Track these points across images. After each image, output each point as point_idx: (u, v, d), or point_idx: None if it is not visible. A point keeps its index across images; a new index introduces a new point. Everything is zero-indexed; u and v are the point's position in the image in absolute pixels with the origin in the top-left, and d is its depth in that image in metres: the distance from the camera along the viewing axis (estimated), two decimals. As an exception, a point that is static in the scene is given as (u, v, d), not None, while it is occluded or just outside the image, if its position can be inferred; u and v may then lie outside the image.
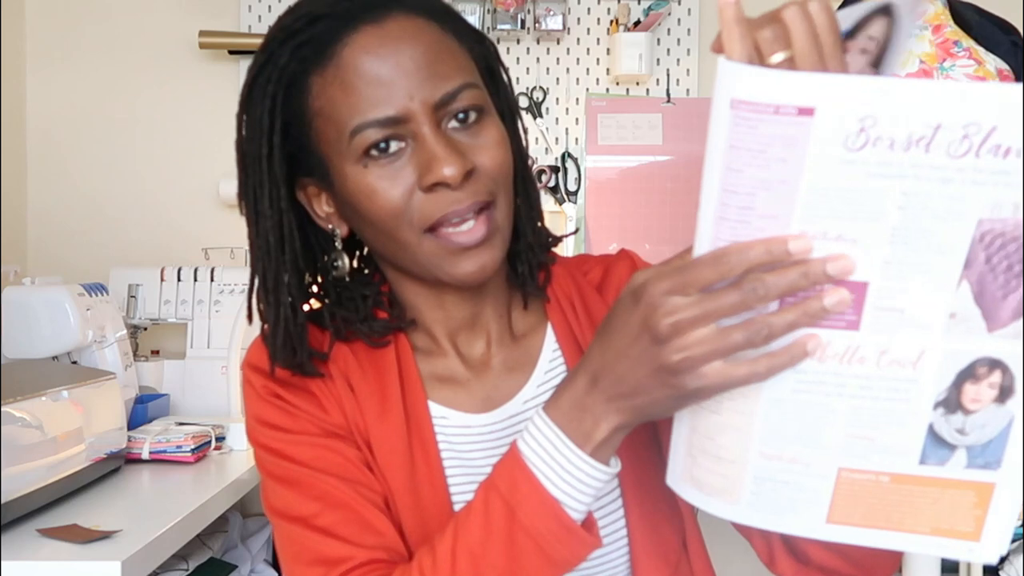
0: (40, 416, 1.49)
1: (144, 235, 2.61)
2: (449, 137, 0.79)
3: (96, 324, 1.99)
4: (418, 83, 0.78)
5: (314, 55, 0.79)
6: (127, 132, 2.62)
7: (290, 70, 0.80)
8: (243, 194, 0.85)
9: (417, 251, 0.81)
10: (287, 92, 0.81)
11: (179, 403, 2.27)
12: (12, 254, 2.44)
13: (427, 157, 0.78)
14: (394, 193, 0.79)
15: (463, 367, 0.89)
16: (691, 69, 2.64)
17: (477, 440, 0.87)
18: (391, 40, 0.78)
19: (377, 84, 0.77)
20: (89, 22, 2.61)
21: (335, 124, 0.79)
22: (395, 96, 0.77)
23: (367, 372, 0.86)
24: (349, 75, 0.78)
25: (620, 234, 2.55)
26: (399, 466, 0.84)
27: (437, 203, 0.79)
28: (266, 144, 0.81)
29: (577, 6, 2.62)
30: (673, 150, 2.56)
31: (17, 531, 1.39)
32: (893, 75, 0.68)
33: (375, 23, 0.79)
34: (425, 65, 0.78)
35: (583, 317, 0.92)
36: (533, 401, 0.88)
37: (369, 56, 0.78)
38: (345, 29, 0.79)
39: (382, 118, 0.77)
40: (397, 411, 0.85)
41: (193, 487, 1.70)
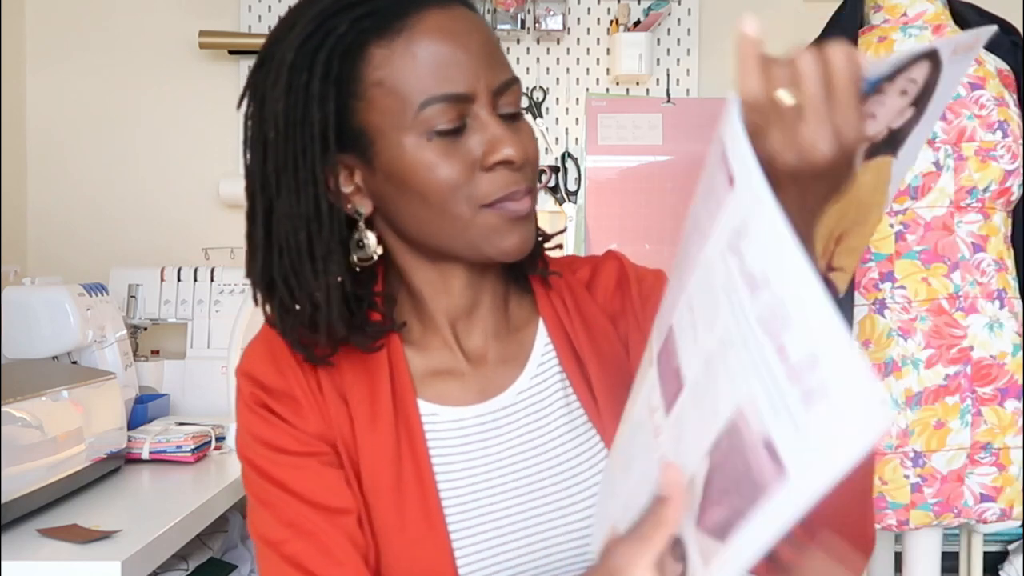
0: (40, 416, 1.49)
1: (144, 235, 2.61)
2: (505, 123, 0.82)
3: (96, 324, 1.99)
4: (485, 67, 0.81)
5: (376, 27, 0.80)
6: (127, 132, 2.62)
7: (347, 40, 0.80)
8: (276, 166, 0.83)
9: (470, 224, 0.82)
10: (341, 62, 0.80)
11: (179, 403, 2.27)
12: (12, 254, 2.44)
13: (492, 137, 0.81)
14: (456, 168, 0.81)
15: (462, 358, 0.91)
16: (691, 69, 2.64)
17: (469, 431, 0.88)
18: (460, 23, 0.81)
19: (449, 61, 0.80)
20: (89, 22, 2.61)
21: (399, 95, 0.80)
22: (465, 75, 0.80)
23: (359, 376, 0.87)
24: (421, 49, 0.80)
25: (620, 234, 2.55)
26: (387, 470, 0.84)
27: (500, 181, 0.82)
28: (318, 112, 0.80)
29: (577, 6, 2.62)
30: (673, 150, 2.56)
31: (17, 531, 1.39)
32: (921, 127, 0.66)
33: (441, 7, 0.81)
34: (490, 51, 0.82)
35: (574, 313, 0.94)
36: (526, 393, 0.90)
37: (443, 33, 0.80)
38: (412, 6, 0.80)
39: (452, 94, 0.80)
40: (387, 416, 0.86)
41: (193, 487, 1.71)
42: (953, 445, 1.66)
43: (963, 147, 1.68)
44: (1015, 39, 1.78)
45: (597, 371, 0.91)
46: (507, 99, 0.83)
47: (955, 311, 1.67)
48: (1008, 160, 1.68)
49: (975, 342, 1.67)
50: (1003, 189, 1.69)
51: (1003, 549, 2.26)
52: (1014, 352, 1.68)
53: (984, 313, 1.68)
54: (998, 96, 1.70)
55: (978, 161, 1.68)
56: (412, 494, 0.84)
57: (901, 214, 1.69)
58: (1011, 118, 1.69)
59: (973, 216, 1.69)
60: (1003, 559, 2.25)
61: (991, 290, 1.69)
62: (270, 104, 0.83)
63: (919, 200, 1.68)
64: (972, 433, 1.66)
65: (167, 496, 1.66)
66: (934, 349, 1.66)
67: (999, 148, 1.68)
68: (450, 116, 0.80)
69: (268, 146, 0.83)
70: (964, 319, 1.67)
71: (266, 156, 0.84)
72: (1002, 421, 1.67)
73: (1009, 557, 2.24)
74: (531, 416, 0.90)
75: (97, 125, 2.62)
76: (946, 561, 1.85)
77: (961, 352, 1.67)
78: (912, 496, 1.67)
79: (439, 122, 0.80)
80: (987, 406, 1.67)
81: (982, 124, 1.69)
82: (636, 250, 2.61)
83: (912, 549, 1.75)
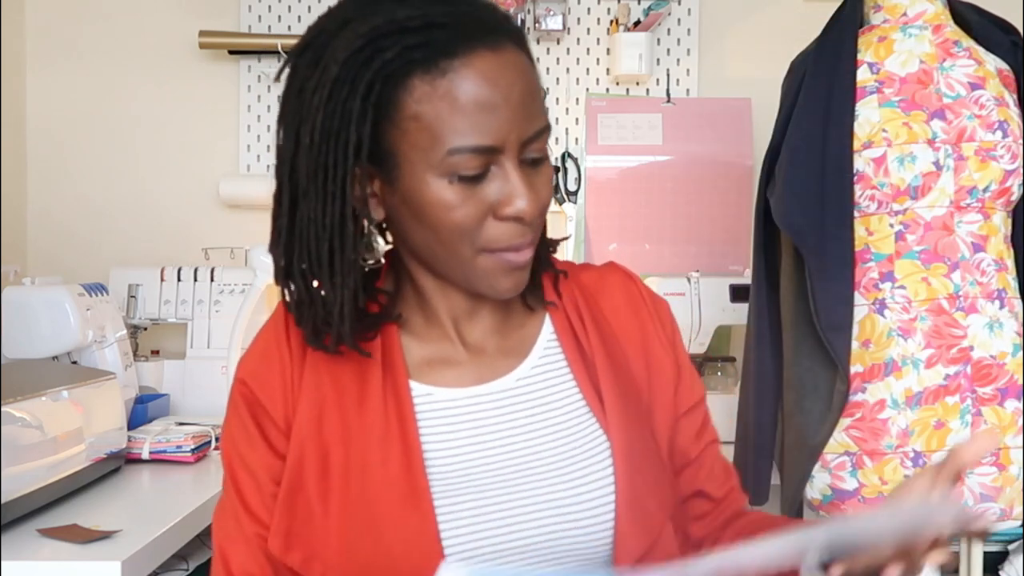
0: (40, 416, 1.49)
1: (144, 235, 2.61)
2: (525, 173, 0.84)
3: (96, 324, 1.99)
4: (520, 119, 0.83)
5: (424, 59, 0.81)
6: (127, 132, 2.62)
7: (393, 66, 0.81)
8: (307, 170, 0.85)
9: (468, 263, 0.86)
10: (384, 85, 0.82)
11: (179, 403, 2.27)
12: (12, 254, 2.44)
13: (510, 191, 0.83)
14: (471, 212, 0.83)
15: (462, 348, 0.94)
16: (691, 69, 2.64)
17: (463, 411, 0.92)
18: (505, 70, 0.82)
19: (486, 111, 0.81)
20: (89, 22, 2.61)
21: (433, 135, 0.82)
22: (499, 127, 0.82)
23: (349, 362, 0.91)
24: (461, 96, 0.81)
25: (620, 234, 2.55)
26: (375, 448, 0.88)
27: (507, 232, 0.85)
28: (355, 132, 0.82)
29: (577, 6, 2.62)
30: (673, 150, 2.56)
31: (17, 531, 1.39)
32: None
33: (492, 49, 0.82)
34: (527, 103, 0.84)
35: (583, 309, 0.97)
36: (525, 380, 0.94)
37: (485, 81, 0.81)
38: (463, 46, 0.81)
39: (482, 146, 0.82)
40: (376, 397, 0.89)
41: (193, 487, 1.71)
42: (953, 445, 1.66)
43: (963, 147, 1.68)
44: (1015, 39, 1.77)
45: (605, 366, 0.94)
46: (535, 146, 0.85)
47: (955, 311, 1.67)
48: (1008, 160, 1.68)
49: (975, 342, 1.67)
50: (1003, 189, 1.69)
51: (1003, 549, 2.26)
52: (1014, 352, 1.68)
53: (984, 313, 1.67)
54: (998, 96, 1.70)
55: (978, 161, 1.68)
56: (398, 471, 0.87)
57: (901, 214, 1.69)
58: (1011, 118, 1.69)
59: (973, 216, 1.69)
60: (1003, 559, 2.24)
61: (991, 290, 1.69)
62: (309, 109, 0.84)
63: (919, 200, 1.68)
64: (972, 433, 1.66)
65: (167, 496, 1.66)
66: (934, 349, 1.66)
67: (999, 148, 1.68)
68: (475, 164, 0.82)
69: (301, 146, 0.85)
70: (964, 319, 1.67)
71: (297, 150, 0.85)
72: (1002, 421, 1.67)
73: (1009, 557, 2.24)
74: (529, 401, 0.93)
75: (97, 125, 2.62)
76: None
77: (961, 352, 1.67)
78: (912, 496, 1.67)
79: (464, 168, 0.82)
80: (987, 406, 1.67)
81: (982, 124, 1.68)
82: (636, 250, 2.62)
83: (912, 549, 1.75)
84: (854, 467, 1.69)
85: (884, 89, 1.70)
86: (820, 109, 1.70)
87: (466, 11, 0.83)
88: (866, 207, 1.69)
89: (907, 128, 1.67)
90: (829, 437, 1.69)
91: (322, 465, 0.89)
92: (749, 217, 2.07)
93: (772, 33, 2.61)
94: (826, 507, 1.76)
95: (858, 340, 1.70)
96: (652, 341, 0.99)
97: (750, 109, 2.56)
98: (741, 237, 2.51)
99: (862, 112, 1.69)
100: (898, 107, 1.69)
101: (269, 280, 2.26)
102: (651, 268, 2.47)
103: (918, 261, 1.68)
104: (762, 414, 1.81)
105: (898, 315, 1.68)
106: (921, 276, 1.68)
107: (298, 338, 0.92)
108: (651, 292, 1.02)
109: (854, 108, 1.69)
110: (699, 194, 2.54)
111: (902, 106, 1.69)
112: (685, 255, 2.54)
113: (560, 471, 0.90)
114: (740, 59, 2.65)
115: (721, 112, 2.58)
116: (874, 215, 1.70)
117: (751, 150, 2.54)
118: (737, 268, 2.46)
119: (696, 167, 2.55)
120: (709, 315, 2.23)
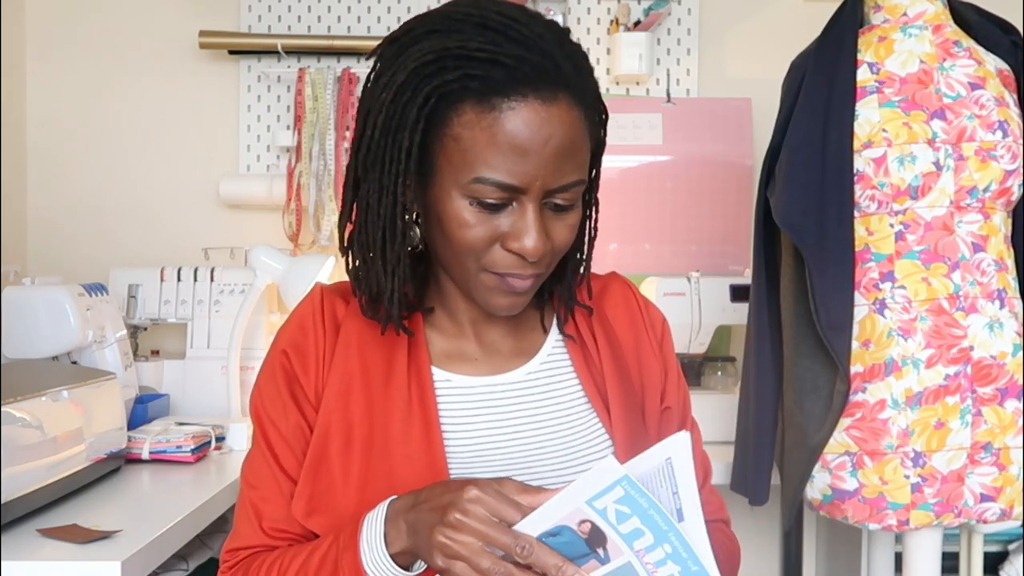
0: (40, 416, 1.49)
1: (144, 235, 2.61)
2: (544, 215, 0.91)
3: (96, 324, 1.99)
4: (550, 170, 0.89)
5: (478, 90, 0.88)
6: (127, 132, 2.62)
7: (451, 87, 0.88)
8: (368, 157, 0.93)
9: (471, 277, 0.94)
10: (439, 101, 0.89)
11: (179, 403, 2.27)
12: (12, 254, 2.44)
13: (522, 228, 0.90)
14: (481, 235, 0.91)
15: (476, 347, 1.03)
16: (691, 69, 2.64)
17: (478, 397, 1.00)
18: (549, 123, 0.88)
19: (519, 154, 0.88)
20: (89, 22, 2.61)
21: (465, 158, 0.89)
22: (526, 172, 0.88)
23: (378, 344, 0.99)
24: (500, 133, 0.87)
25: (620, 234, 2.55)
26: (397, 424, 0.96)
27: (509, 262, 0.92)
28: (408, 137, 0.90)
29: (577, 6, 2.62)
30: (673, 150, 2.56)
31: (17, 531, 1.39)
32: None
33: (544, 101, 0.88)
34: (561, 157, 0.89)
35: (596, 323, 1.07)
36: (535, 374, 1.03)
37: (525, 127, 0.87)
38: (518, 91, 0.87)
39: (505, 183, 0.88)
40: (401, 377, 0.98)
41: (193, 487, 1.71)
42: (953, 445, 1.66)
43: (963, 147, 1.68)
44: (1015, 39, 1.78)
45: (612, 371, 1.04)
46: (562, 195, 0.91)
47: (955, 311, 1.67)
48: (1008, 160, 1.68)
49: (975, 342, 1.67)
50: (1003, 189, 1.69)
51: (1003, 549, 2.26)
52: (1014, 352, 1.68)
53: (984, 313, 1.68)
54: (998, 96, 1.70)
55: (978, 161, 1.68)
56: (419, 447, 0.95)
57: (901, 214, 1.69)
58: (1011, 118, 1.69)
59: (973, 216, 1.69)
60: (1003, 559, 2.25)
61: (991, 290, 1.69)
62: (377, 102, 0.92)
63: (919, 200, 1.68)
64: (972, 433, 1.66)
65: (167, 496, 1.66)
66: (934, 349, 1.66)
67: (999, 148, 1.68)
68: (496, 196, 0.89)
69: (367, 132, 0.93)
70: (964, 319, 1.67)
71: (363, 134, 0.94)
72: (1002, 421, 1.67)
73: (1009, 557, 2.24)
74: (537, 393, 1.02)
75: (97, 125, 2.62)
76: (946, 561, 1.85)
77: (961, 352, 1.67)
78: (912, 496, 1.67)
79: (485, 197, 0.89)
80: (987, 406, 1.67)
81: (982, 124, 1.68)
82: (636, 250, 2.62)
83: (912, 549, 1.75)
84: (854, 467, 1.69)
85: (884, 89, 1.70)
86: (820, 109, 1.70)
87: (533, 59, 0.88)
88: (866, 207, 1.69)
89: (907, 128, 1.67)
90: (829, 437, 1.69)
91: (346, 438, 0.96)
92: (749, 217, 2.07)
93: (772, 33, 2.61)
94: (826, 507, 1.76)
95: (858, 340, 1.70)
96: (644, 343, 1.09)
97: (750, 109, 2.56)
98: (741, 237, 2.51)
99: (862, 112, 1.69)
100: (898, 107, 1.69)
101: (269, 280, 2.27)
102: (651, 268, 2.47)
103: (918, 261, 1.68)
104: (762, 414, 1.81)
105: (898, 315, 1.68)
106: (921, 276, 1.68)
107: (332, 316, 1.00)
108: (646, 300, 1.12)
109: (854, 108, 1.69)
110: (699, 194, 2.54)
111: (902, 106, 1.69)
112: (685, 255, 2.54)
113: (564, 461, 0.99)
114: (740, 59, 2.65)
115: (721, 112, 2.58)
116: (874, 215, 1.70)
117: (751, 150, 2.54)
118: (737, 268, 2.46)
119: (696, 167, 2.55)
120: (709, 315, 2.23)
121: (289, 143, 2.50)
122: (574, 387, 1.04)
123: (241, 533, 1.00)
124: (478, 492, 0.81)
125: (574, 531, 0.80)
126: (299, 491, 0.97)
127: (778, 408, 1.81)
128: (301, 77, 2.49)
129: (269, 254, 2.27)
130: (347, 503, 0.94)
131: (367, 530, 0.88)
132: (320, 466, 0.96)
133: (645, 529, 0.79)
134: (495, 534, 0.80)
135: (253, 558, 0.98)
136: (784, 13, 2.62)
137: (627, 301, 1.10)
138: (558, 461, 0.99)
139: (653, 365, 1.08)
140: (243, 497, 1.01)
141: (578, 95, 0.91)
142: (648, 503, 0.78)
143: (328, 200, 2.47)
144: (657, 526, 0.79)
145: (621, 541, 0.79)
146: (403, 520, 0.86)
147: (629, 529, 0.79)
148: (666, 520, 0.79)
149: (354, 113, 2.48)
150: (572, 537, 0.81)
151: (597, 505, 0.79)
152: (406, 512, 0.86)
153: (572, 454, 1.00)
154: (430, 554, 0.82)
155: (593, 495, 0.79)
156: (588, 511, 0.79)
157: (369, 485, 0.94)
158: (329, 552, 0.90)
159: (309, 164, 2.47)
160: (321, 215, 2.48)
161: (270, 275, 2.26)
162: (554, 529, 0.80)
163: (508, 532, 0.80)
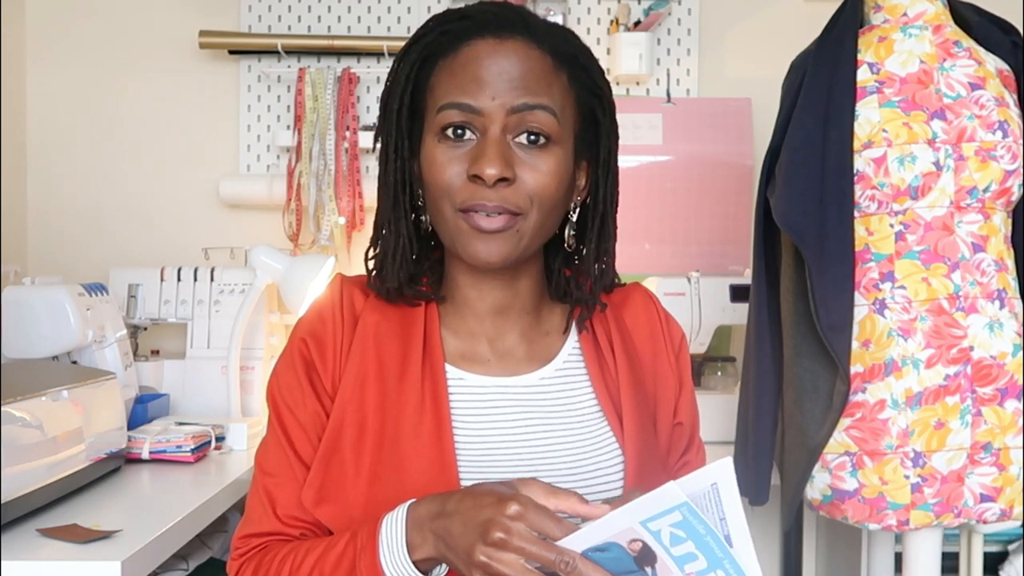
0: (40, 416, 1.49)
1: (144, 235, 2.61)
2: (508, 146, 0.93)
3: (96, 324, 1.99)
4: (505, 90, 0.93)
5: (448, 43, 0.96)
6: (127, 132, 2.62)
7: (430, 48, 0.97)
8: (382, 133, 1.01)
9: (449, 223, 0.95)
10: (422, 64, 0.97)
11: (179, 403, 2.27)
12: (12, 254, 2.44)
13: (479, 152, 0.93)
14: (449, 171, 0.94)
15: (490, 350, 1.03)
16: (691, 69, 2.64)
17: (491, 397, 1.00)
18: (502, 53, 0.94)
19: (474, 80, 0.93)
20: (89, 22, 2.61)
21: (434, 98, 0.96)
22: (482, 93, 0.93)
23: (395, 340, 1.00)
24: (459, 68, 0.94)
25: (620, 234, 2.52)
26: (409, 420, 0.96)
27: (471, 191, 0.93)
28: (397, 100, 0.98)
29: (577, 6, 2.62)
30: (673, 150, 2.56)
31: (17, 531, 1.39)
32: None
33: (497, 37, 0.95)
34: (517, 79, 0.93)
35: (614, 330, 1.06)
36: (549, 379, 1.03)
37: (479, 59, 0.94)
38: (476, 33, 0.95)
39: (463, 103, 0.93)
40: (415, 374, 0.98)
41: (193, 487, 1.70)
42: (953, 445, 1.66)
43: (963, 147, 1.68)
44: (1015, 39, 1.78)
45: (627, 381, 1.03)
46: (528, 122, 0.93)
47: (955, 311, 1.67)
48: (1008, 160, 1.68)
49: (975, 342, 1.67)
50: (1003, 189, 1.69)
51: (1003, 549, 2.26)
52: (1014, 352, 1.68)
53: (984, 313, 1.68)
54: (998, 96, 1.70)
55: (978, 161, 1.68)
56: (429, 442, 0.95)
57: (901, 214, 1.69)
58: (1011, 118, 1.69)
59: (973, 216, 1.69)
60: (1003, 559, 2.25)
61: (991, 290, 1.69)
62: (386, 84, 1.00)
63: (919, 200, 1.68)
64: (972, 433, 1.66)
65: (167, 496, 1.66)
66: (934, 349, 1.66)
67: (999, 148, 1.68)
68: (456, 120, 0.93)
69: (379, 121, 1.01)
70: (964, 319, 1.67)
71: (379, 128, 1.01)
72: (1002, 421, 1.67)
73: (1009, 557, 2.24)
74: (550, 399, 1.02)
75: (97, 125, 2.62)
76: (946, 561, 1.85)
77: (961, 352, 1.67)
78: (912, 496, 1.67)
79: (447, 121, 0.93)
80: (987, 406, 1.67)
81: (982, 124, 1.68)
82: (636, 250, 2.61)
83: (912, 549, 1.75)
84: (854, 467, 1.69)
85: (884, 89, 1.70)
86: (820, 109, 1.70)
87: (497, 10, 0.96)
88: (866, 207, 1.69)
89: (907, 128, 1.67)
90: (829, 437, 1.69)
91: (359, 429, 0.97)
92: (749, 217, 2.07)
93: (772, 33, 2.61)
94: (826, 507, 1.76)
95: (858, 340, 1.70)
96: (661, 356, 1.09)
97: (750, 109, 2.56)
98: (741, 237, 2.51)
99: (862, 112, 1.69)
100: (898, 107, 1.69)
101: (269, 280, 2.27)
102: (651, 268, 2.47)
103: (918, 261, 1.68)
104: (762, 414, 1.81)
105: (898, 315, 1.68)
106: (921, 276, 1.68)
107: (351, 308, 1.02)
108: (667, 313, 1.13)
109: (854, 108, 1.69)
110: (699, 194, 2.54)
111: (902, 106, 1.69)
112: (685, 255, 2.53)
113: (573, 469, 0.98)
114: (740, 59, 2.65)
115: (721, 112, 2.58)
116: (874, 215, 1.70)
117: (751, 150, 2.54)
118: (737, 268, 2.46)
119: (696, 167, 2.55)
120: (709, 315, 2.23)
121: (289, 143, 2.50)
122: (587, 396, 1.03)
123: (254, 519, 1.00)
124: (519, 508, 0.80)
125: (623, 548, 0.80)
126: (310, 480, 0.97)
127: (778, 408, 1.81)
128: (301, 77, 2.49)
129: (269, 254, 2.27)
130: (356, 495, 0.95)
131: (386, 533, 0.88)
132: (332, 456, 0.97)
133: (699, 554, 0.79)
134: (539, 551, 0.79)
135: (266, 550, 0.98)
136: (784, 13, 2.63)
137: (648, 312, 1.11)
138: (567, 468, 0.98)
139: (669, 379, 1.08)
140: (257, 483, 1.01)
141: (543, 41, 0.96)
142: (705, 529, 0.78)
143: (328, 200, 2.47)
144: (712, 552, 0.79)
145: (672, 563, 0.79)
146: (429, 530, 0.86)
147: (682, 552, 0.79)
148: (721, 547, 0.79)
149: (354, 113, 2.52)
150: (620, 554, 0.80)
151: (652, 527, 0.79)
152: (431, 520, 0.86)
153: (581, 462, 0.99)
154: (469, 572, 0.82)
155: (649, 516, 0.78)
156: (641, 531, 0.79)
157: (379, 478, 0.95)
158: (346, 551, 0.90)
159: (309, 164, 2.47)
160: (321, 215, 2.48)
161: (270, 275, 2.26)
162: (602, 545, 0.80)
163: (552, 548, 0.79)
